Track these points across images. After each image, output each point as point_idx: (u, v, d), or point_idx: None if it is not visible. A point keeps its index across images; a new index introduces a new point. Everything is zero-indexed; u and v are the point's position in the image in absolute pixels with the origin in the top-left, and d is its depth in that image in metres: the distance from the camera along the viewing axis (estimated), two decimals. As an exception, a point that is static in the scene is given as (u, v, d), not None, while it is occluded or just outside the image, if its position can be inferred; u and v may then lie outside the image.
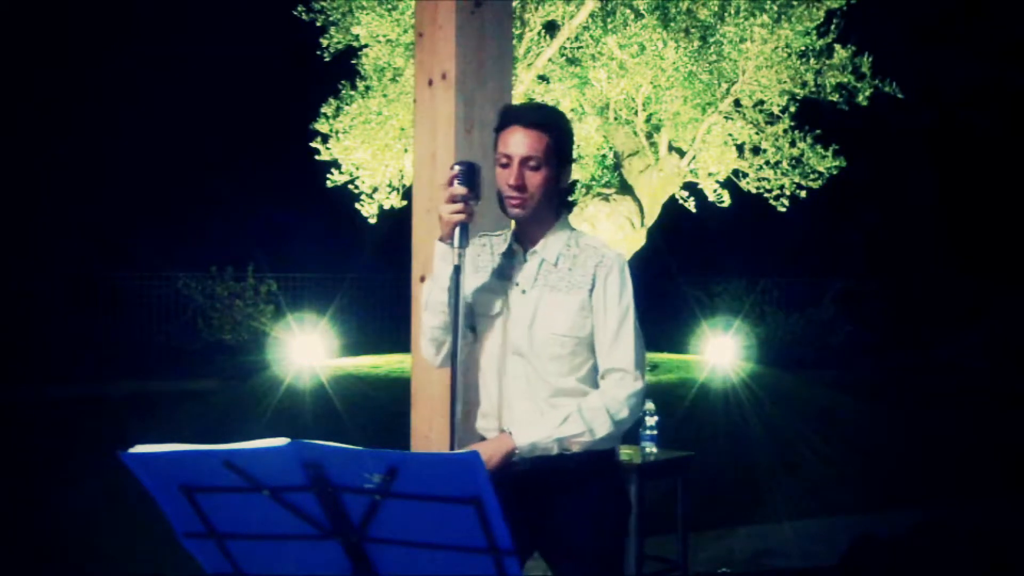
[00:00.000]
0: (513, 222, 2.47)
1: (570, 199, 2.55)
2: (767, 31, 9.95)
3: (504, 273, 2.46)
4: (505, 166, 2.39)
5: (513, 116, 2.42)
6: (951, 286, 15.38)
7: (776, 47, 10.14)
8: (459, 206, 2.29)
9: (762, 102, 10.70)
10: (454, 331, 2.29)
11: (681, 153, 11.09)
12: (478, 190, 2.34)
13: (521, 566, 2.51)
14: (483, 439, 2.49)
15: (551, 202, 2.42)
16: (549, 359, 2.38)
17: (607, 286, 2.38)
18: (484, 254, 2.51)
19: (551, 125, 2.41)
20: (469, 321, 2.48)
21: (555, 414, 2.34)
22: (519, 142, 2.37)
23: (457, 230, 2.30)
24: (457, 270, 2.29)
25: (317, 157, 10.94)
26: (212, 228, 17.69)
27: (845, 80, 10.44)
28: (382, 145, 10.63)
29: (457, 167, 2.34)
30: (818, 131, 10.80)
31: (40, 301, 13.57)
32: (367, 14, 10.05)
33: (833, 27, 10.39)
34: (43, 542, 5.29)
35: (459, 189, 2.31)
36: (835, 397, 11.16)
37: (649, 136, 11.10)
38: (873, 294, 15.89)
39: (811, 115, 10.91)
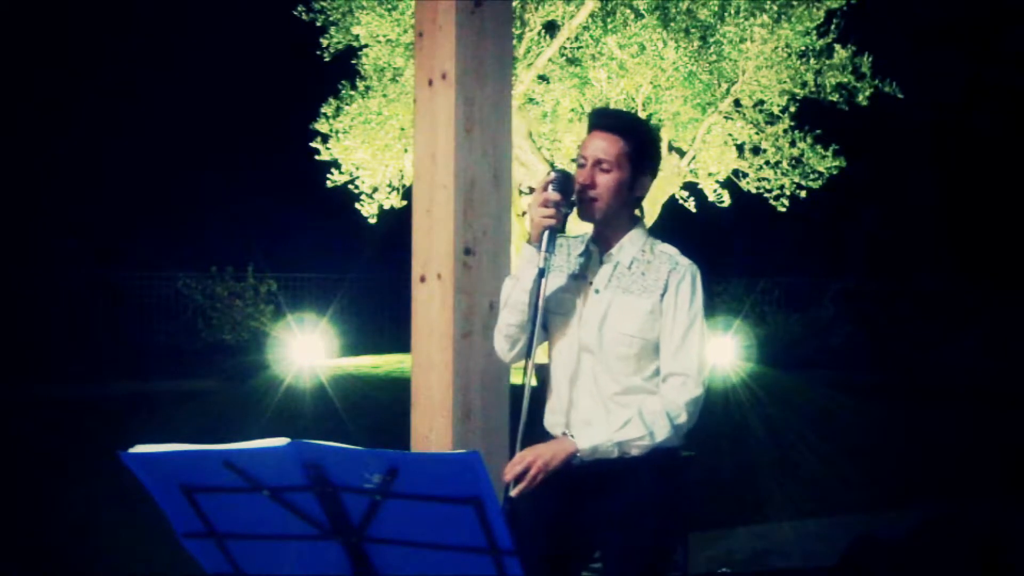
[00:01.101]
0: (591, 226, 2.51)
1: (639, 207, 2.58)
2: (767, 31, 9.96)
3: (579, 274, 2.51)
4: (581, 167, 2.45)
5: (593, 118, 2.50)
6: (951, 286, 15.38)
7: (776, 47, 10.15)
8: (551, 211, 2.35)
9: (762, 102, 10.70)
10: (531, 331, 2.36)
11: (681, 153, 11.09)
12: (570, 198, 2.39)
13: (584, 569, 2.55)
14: (549, 434, 2.52)
15: (625, 207, 2.47)
16: (616, 358, 2.43)
17: (679, 292, 2.44)
18: (560, 255, 2.55)
19: (628, 131, 2.45)
20: (542, 319, 2.51)
21: (616, 417, 2.38)
22: (594, 144, 2.43)
23: (546, 234, 2.35)
24: (542, 273, 2.35)
25: (317, 157, 10.95)
26: (212, 228, 17.69)
27: (845, 80, 10.44)
28: (382, 145, 10.63)
29: (553, 173, 2.39)
30: (818, 131, 10.81)
31: (40, 301, 13.57)
32: (367, 14, 10.06)
33: (833, 27, 10.39)
34: (43, 542, 5.29)
35: (553, 195, 2.36)
36: (835, 397, 11.16)
37: (649, 136, 11.09)
38: (873, 294, 15.89)
39: (811, 115, 10.91)
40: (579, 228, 2.55)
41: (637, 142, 2.44)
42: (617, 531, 2.41)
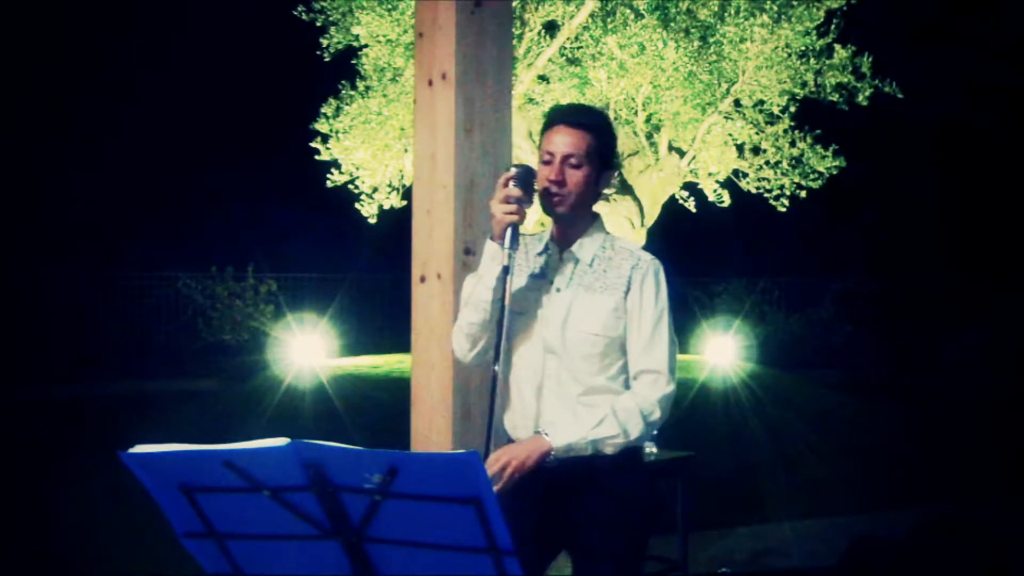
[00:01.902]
0: (551, 223, 2.50)
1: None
2: (767, 31, 9.96)
3: (539, 273, 2.49)
4: (547, 163, 2.42)
5: (558, 115, 2.47)
6: (951, 286, 15.38)
7: (776, 47, 10.15)
8: (513, 207, 2.33)
9: (762, 102, 10.70)
10: (498, 330, 2.32)
11: (681, 153, 11.09)
12: (531, 194, 2.38)
13: (548, 564, 2.54)
14: (509, 436, 2.50)
15: (588, 203, 2.46)
16: (581, 358, 2.40)
17: (643, 289, 2.41)
18: (519, 254, 2.51)
19: (595, 126, 2.44)
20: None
21: (589, 416, 2.36)
22: (562, 140, 2.41)
23: (509, 231, 2.33)
24: (506, 270, 2.33)
25: (317, 157, 10.94)
26: (212, 228, 17.69)
27: (845, 80, 10.44)
28: (382, 145, 10.63)
29: (514, 169, 2.37)
30: (818, 131, 10.80)
31: (40, 301, 13.57)
32: (367, 14, 10.05)
33: (833, 27, 10.39)
34: (43, 542, 5.29)
35: (514, 191, 2.34)
36: (835, 397, 11.17)
37: (649, 136, 11.10)
38: (873, 294, 15.89)
39: (811, 115, 10.91)
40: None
41: (602, 138, 2.43)
42: (589, 531, 2.40)
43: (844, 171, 10.88)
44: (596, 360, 2.40)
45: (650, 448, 4.44)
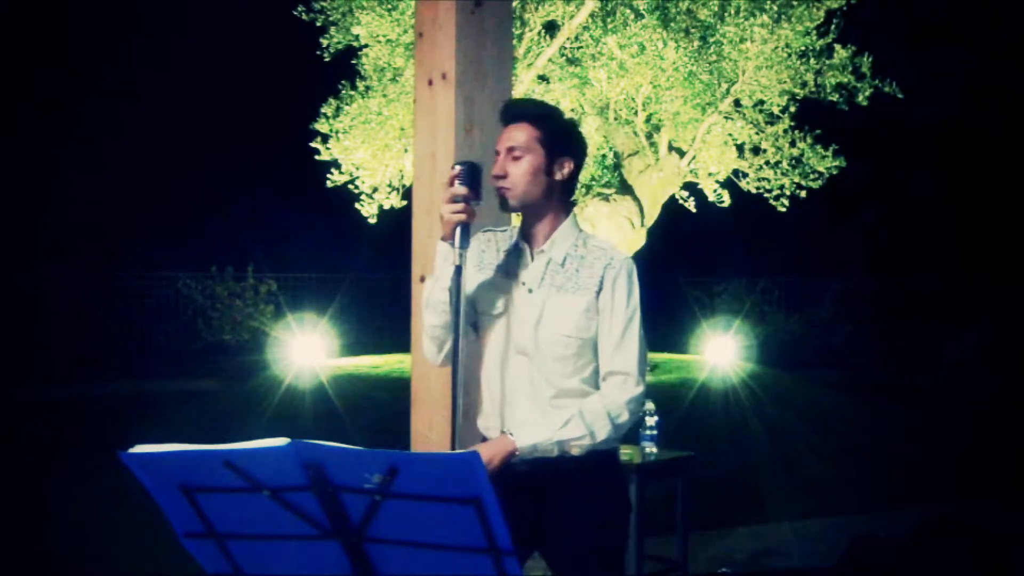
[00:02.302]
0: (517, 218, 2.47)
1: (571, 199, 2.53)
2: (767, 31, 9.96)
3: (510, 271, 2.45)
4: (496, 161, 2.42)
5: (502, 112, 2.47)
6: (951, 286, 15.38)
7: (776, 47, 10.15)
8: (460, 206, 2.29)
9: (762, 102, 10.70)
10: (455, 331, 2.28)
11: (681, 153, 11.09)
12: (479, 190, 2.34)
13: (520, 566, 2.52)
14: (484, 438, 2.49)
15: (547, 195, 2.41)
16: (553, 359, 2.37)
17: (615, 289, 2.37)
18: (489, 251, 2.50)
19: (535, 116, 2.42)
20: (471, 319, 2.47)
21: (556, 416, 2.34)
22: (504, 135, 2.41)
23: (458, 230, 2.29)
24: (458, 270, 2.28)
25: (317, 157, 10.94)
26: (212, 228, 17.69)
27: (845, 80, 10.44)
28: (382, 145, 10.63)
29: (458, 167, 2.33)
30: (818, 131, 10.80)
31: (40, 301, 13.57)
32: (367, 14, 10.05)
33: (833, 27, 10.39)
34: (43, 542, 5.29)
35: (460, 189, 2.30)
36: (835, 397, 11.16)
37: (649, 136, 11.11)
38: (873, 294, 15.89)
39: (811, 115, 10.91)
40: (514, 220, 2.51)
41: (548, 126, 2.40)
42: (560, 534, 2.38)
43: (844, 171, 10.88)
44: (570, 362, 2.37)
45: (650, 448, 4.45)
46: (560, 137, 2.43)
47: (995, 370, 12.15)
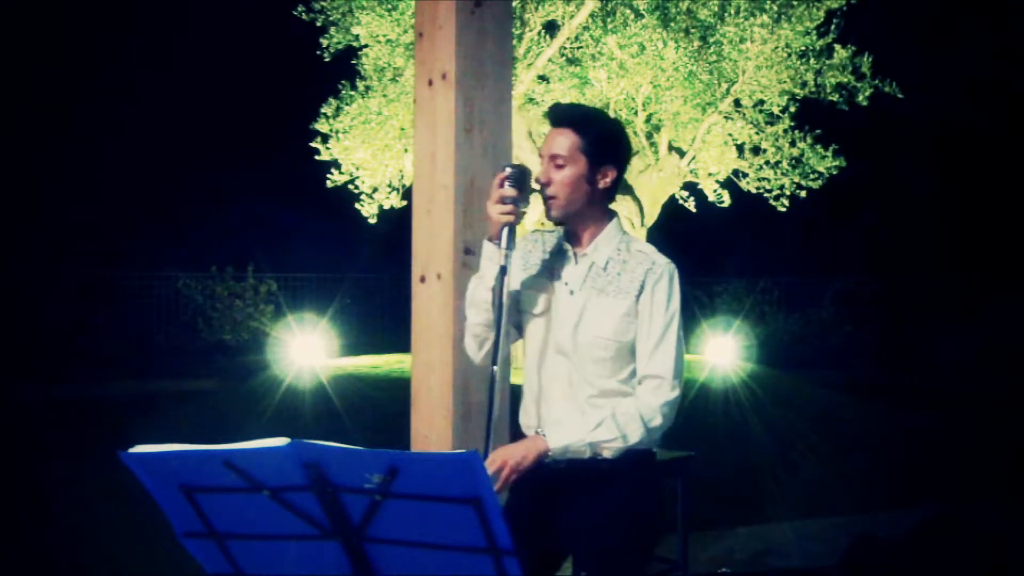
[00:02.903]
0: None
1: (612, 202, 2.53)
2: (767, 31, 9.97)
3: (553, 272, 2.46)
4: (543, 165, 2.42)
5: (548, 116, 2.47)
6: (951, 286, 15.38)
7: (776, 47, 10.16)
8: (508, 207, 2.30)
9: (762, 102, 10.71)
10: (497, 330, 2.28)
11: (681, 153, 11.09)
12: (527, 194, 2.35)
13: (556, 567, 2.53)
14: (522, 434, 2.50)
15: (590, 202, 2.42)
16: (591, 361, 2.38)
17: (655, 293, 2.37)
18: (536, 251, 2.50)
19: (581, 123, 2.41)
20: (514, 319, 2.48)
21: (589, 418, 2.34)
22: (549, 141, 2.40)
23: (505, 231, 2.31)
24: (503, 271, 2.30)
25: (317, 157, 10.95)
26: (212, 228, 17.69)
27: (845, 80, 10.45)
28: (382, 145, 10.64)
29: (508, 169, 2.34)
30: (818, 131, 10.81)
31: (40, 301, 13.57)
32: (367, 14, 10.06)
33: (833, 27, 10.40)
34: (43, 542, 5.29)
35: (509, 191, 2.31)
36: (835, 397, 11.16)
37: (649, 136, 11.11)
38: (873, 294, 15.89)
39: (811, 115, 10.92)
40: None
41: (592, 134, 2.39)
42: (590, 534, 2.38)
43: (844, 171, 10.89)
44: (607, 364, 2.38)
45: (650, 448, 4.44)
46: (603, 145, 2.41)
47: (994, 370, 12.15)
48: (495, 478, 2.25)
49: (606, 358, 2.38)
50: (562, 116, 2.43)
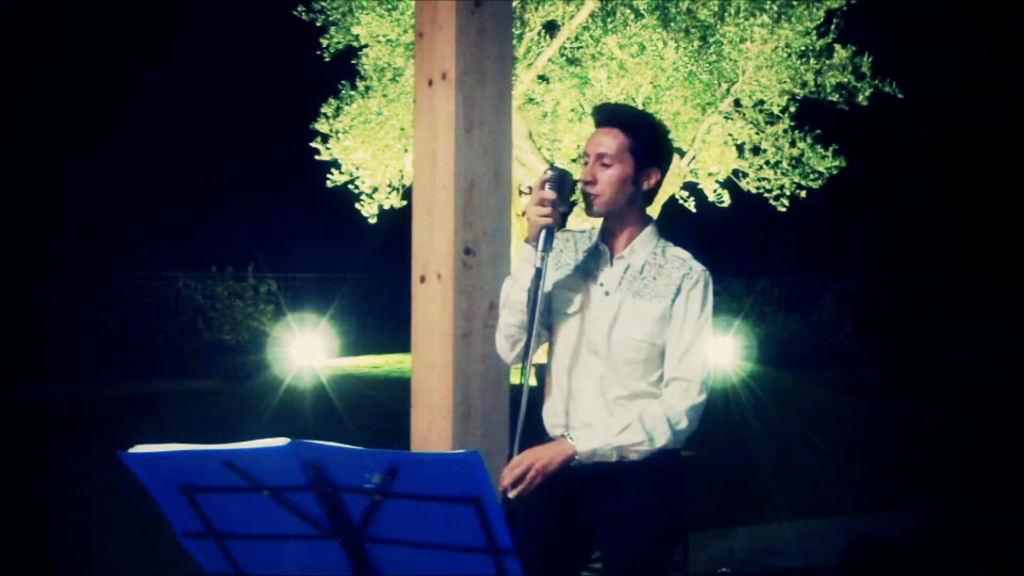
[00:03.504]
0: (600, 221, 2.48)
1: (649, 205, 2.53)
2: (767, 31, 9.96)
3: (588, 272, 2.47)
4: (586, 164, 2.43)
5: (595, 114, 2.49)
6: (951, 285, 15.38)
7: (776, 47, 10.15)
8: (547, 210, 2.32)
9: (762, 102, 10.71)
10: (529, 332, 2.31)
11: (681, 153, 11.09)
12: (567, 197, 2.36)
13: (582, 565, 2.54)
14: (546, 433, 2.51)
15: (631, 203, 2.44)
16: (624, 362, 2.40)
17: (690, 298, 2.40)
18: (568, 251, 2.52)
19: (629, 124, 2.42)
20: (545, 319, 2.48)
21: (616, 421, 2.36)
22: (596, 140, 2.42)
23: (543, 233, 2.31)
24: (539, 273, 2.31)
25: (317, 157, 10.95)
26: (212, 228, 17.68)
27: (845, 80, 10.45)
28: (382, 145, 10.64)
29: (549, 172, 2.36)
30: (818, 131, 10.81)
31: (40, 301, 13.56)
32: (367, 14, 10.05)
33: (833, 27, 10.39)
34: (43, 542, 5.29)
35: (549, 193, 2.32)
36: (835, 397, 11.17)
37: (649, 136, 11.10)
38: (873, 294, 15.89)
39: (811, 115, 10.92)
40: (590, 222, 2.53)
41: (640, 135, 2.41)
42: (617, 532, 2.40)
43: (844, 171, 10.89)
44: (639, 366, 2.40)
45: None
46: (649, 147, 2.44)
47: (994, 370, 12.15)
48: (521, 480, 2.25)
49: (638, 360, 2.40)
50: (611, 116, 2.46)
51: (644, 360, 2.40)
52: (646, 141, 2.43)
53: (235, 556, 1.66)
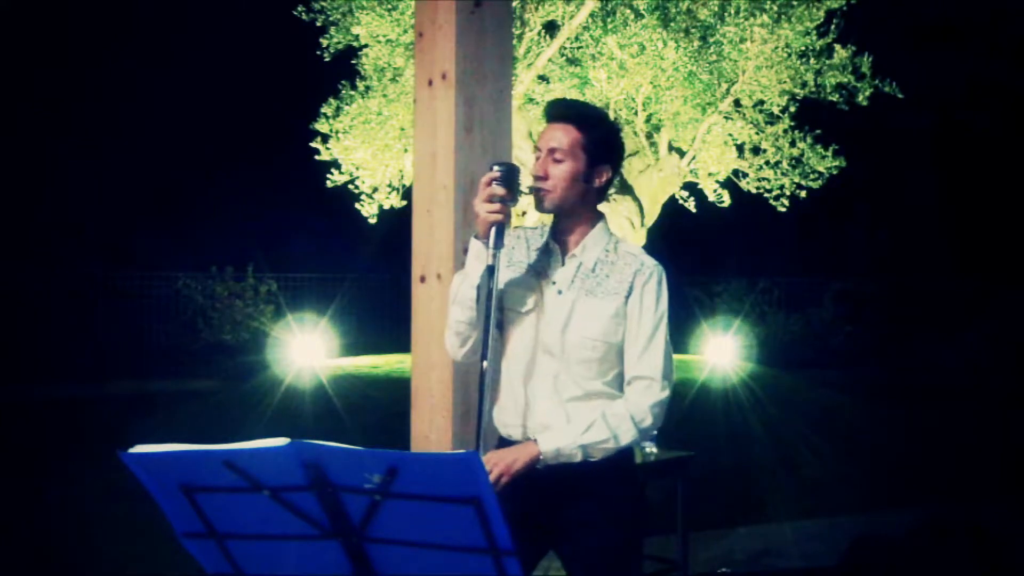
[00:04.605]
0: (550, 218, 2.47)
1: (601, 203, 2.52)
2: (767, 31, 9.96)
3: (540, 271, 2.45)
4: (537, 159, 2.41)
5: (547, 110, 2.46)
6: (950, 286, 15.39)
7: (776, 47, 10.15)
8: (496, 206, 2.29)
9: (762, 102, 10.70)
10: (484, 329, 2.26)
11: (681, 153, 11.09)
12: (516, 192, 2.33)
13: (532, 566, 2.53)
14: (500, 435, 2.49)
15: (582, 200, 2.42)
16: (578, 362, 2.38)
17: (644, 294, 2.38)
18: (519, 248, 2.50)
19: (582, 120, 2.41)
20: (496, 316, 2.44)
21: (579, 420, 2.34)
22: (548, 135, 2.40)
23: (493, 230, 2.29)
24: (490, 270, 2.28)
25: (317, 157, 10.94)
26: (212, 228, 17.69)
27: (845, 80, 10.44)
28: (382, 145, 10.63)
29: (497, 168, 2.32)
30: (818, 131, 10.80)
31: (40, 301, 13.57)
32: (367, 14, 10.05)
33: (833, 27, 10.39)
34: (43, 542, 5.29)
35: (498, 189, 2.29)
36: (835, 397, 11.17)
37: (649, 136, 11.10)
38: (873, 294, 15.89)
39: (811, 115, 10.91)
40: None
41: (593, 132, 2.39)
42: (579, 533, 2.39)
43: (844, 171, 10.88)
44: (595, 365, 2.38)
45: (650, 448, 4.44)
46: (603, 144, 2.42)
47: (994, 370, 12.16)
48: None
49: (594, 359, 2.38)
50: (564, 111, 2.43)
51: (600, 359, 2.38)
52: (599, 138, 2.41)
53: (235, 556, 1.66)
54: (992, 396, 10.59)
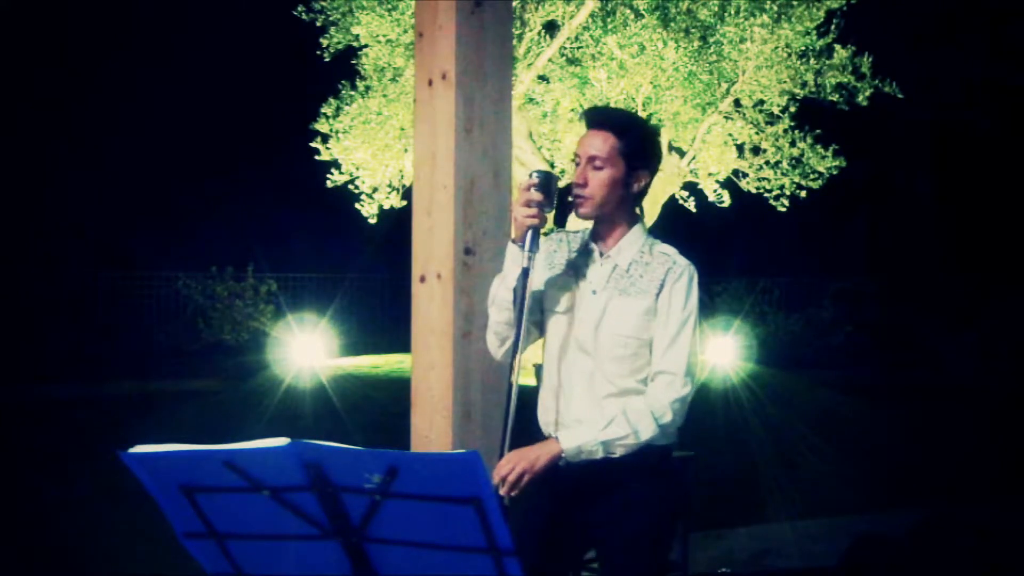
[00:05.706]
0: (591, 223, 2.51)
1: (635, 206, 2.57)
2: (767, 31, 9.97)
3: (578, 272, 2.51)
4: (577, 165, 2.45)
5: (586, 117, 2.51)
6: (950, 286, 15.39)
7: (776, 47, 10.16)
8: (533, 211, 2.34)
9: (762, 102, 10.71)
10: (517, 330, 2.33)
11: (681, 153, 11.10)
12: (553, 199, 2.38)
13: (579, 565, 2.54)
14: (540, 431, 2.53)
15: (621, 205, 2.46)
16: (611, 359, 2.42)
17: (673, 291, 2.42)
18: (561, 251, 2.55)
19: (621, 127, 2.45)
20: (536, 317, 2.53)
21: (600, 417, 2.38)
22: (588, 142, 2.44)
23: (529, 234, 2.34)
24: (525, 272, 2.34)
25: (317, 157, 10.95)
26: (212, 228, 17.68)
27: (845, 80, 10.45)
28: (382, 145, 10.64)
29: (535, 175, 2.38)
30: (818, 131, 10.81)
31: (40, 301, 13.57)
32: (367, 14, 10.06)
33: (833, 27, 10.40)
34: (43, 542, 5.29)
35: (535, 195, 2.35)
36: (835, 397, 11.17)
37: (649, 136, 11.10)
38: (873, 294, 15.90)
39: (811, 115, 10.92)
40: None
41: (631, 138, 2.44)
42: (611, 530, 2.42)
43: (844, 171, 10.89)
44: (627, 362, 2.42)
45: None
46: (640, 150, 2.46)
47: (994, 370, 12.16)
48: (510, 482, 2.26)
49: (626, 355, 2.42)
50: (603, 118, 2.48)
51: (632, 355, 2.42)
52: (637, 144, 2.45)
53: (235, 556, 1.66)
54: (992, 396, 10.59)
